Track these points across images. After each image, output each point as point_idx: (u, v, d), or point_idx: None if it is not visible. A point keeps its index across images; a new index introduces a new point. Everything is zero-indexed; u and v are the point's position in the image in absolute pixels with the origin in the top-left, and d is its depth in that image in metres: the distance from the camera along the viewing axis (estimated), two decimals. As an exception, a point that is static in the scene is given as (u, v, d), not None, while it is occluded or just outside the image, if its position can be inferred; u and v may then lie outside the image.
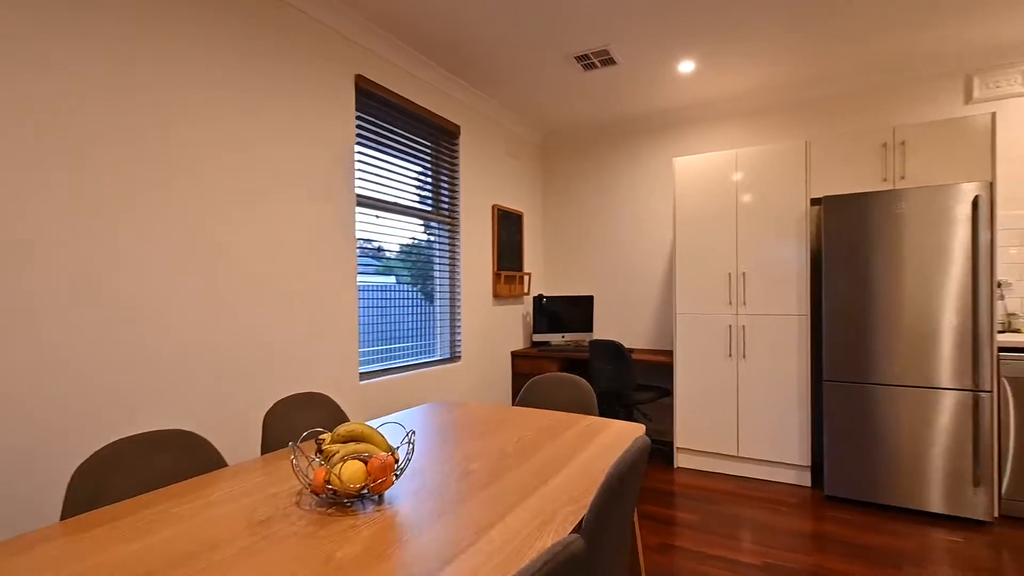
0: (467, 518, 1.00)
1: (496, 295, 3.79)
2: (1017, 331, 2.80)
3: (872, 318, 2.66)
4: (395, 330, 2.99)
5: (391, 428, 1.71)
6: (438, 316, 3.33)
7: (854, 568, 2.10)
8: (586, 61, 3.10)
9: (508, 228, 3.94)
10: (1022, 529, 2.39)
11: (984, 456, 2.42)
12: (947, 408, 2.50)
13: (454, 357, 3.42)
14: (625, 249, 4.16)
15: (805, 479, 2.97)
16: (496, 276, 3.79)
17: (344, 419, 1.76)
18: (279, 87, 2.22)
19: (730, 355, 3.16)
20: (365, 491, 1.04)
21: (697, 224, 3.27)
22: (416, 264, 3.14)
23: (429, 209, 3.19)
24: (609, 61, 3.09)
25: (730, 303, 3.17)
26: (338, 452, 1.05)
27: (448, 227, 3.38)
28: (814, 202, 3.02)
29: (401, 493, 1.13)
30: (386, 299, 2.94)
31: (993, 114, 2.54)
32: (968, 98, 3.04)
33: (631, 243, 4.13)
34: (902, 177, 2.76)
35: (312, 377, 2.36)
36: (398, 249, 3.02)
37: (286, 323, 2.23)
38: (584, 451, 1.43)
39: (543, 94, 3.59)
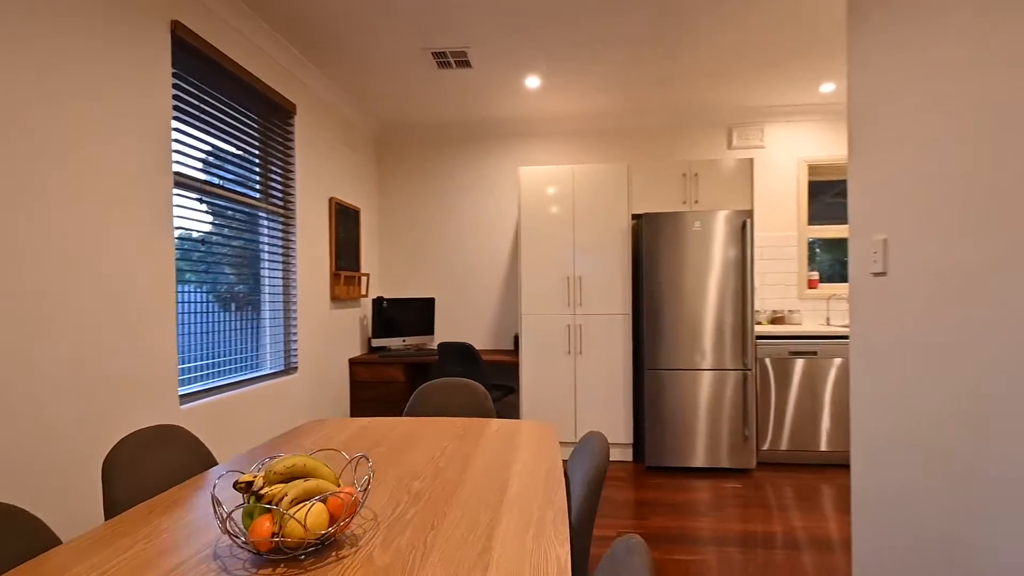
0: (456, 546, 0.89)
1: (334, 297, 3.42)
2: (780, 322, 3.75)
3: (678, 315, 3.25)
4: (218, 341, 2.45)
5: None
6: (269, 322, 2.85)
7: (675, 522, 2.53)
8: (442, 59, 3.05)
9: (346, 224, 3.61)
10: (775, 471, 3.21)
11: (750, 419, 3.18)
12: (728, 384, 3.21)
13: (289, 369, 2.97)
14: (466, 251, 4.21)
15: (629, 455, 3.45)
16: (335, 276, 3.43)
17: (207, 453, 1.36)
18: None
19: (569, 352, 3.48)
20: (328, 538, 0.83)
21: (540, 231, 3.52)
22: (241, 262, 2.63)
23: (258, 197, 2.71)
24: (465, 63, 3.11)
25: (568, 304, 3.49)
26: (286, 495, 0.82)
27: (282, 220, 2.93)
28: (635, 217, 3.54)
29: (357, 532, 0.93)
30: (205, 304, 2.39)
31: (751, 159, 3.37)
32: (730, 144, 3.97)
33: (473, 246, 4.21)
34: (696, 201, 3.45)
35: (124, 407, 1.77)
36: (222, 244, 2.48)
37: (91, 340, 1.62)
38: (516, 454, 1.40)
39: (391, 84, 3.40)
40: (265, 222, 2.80)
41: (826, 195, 3.95)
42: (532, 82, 3.36)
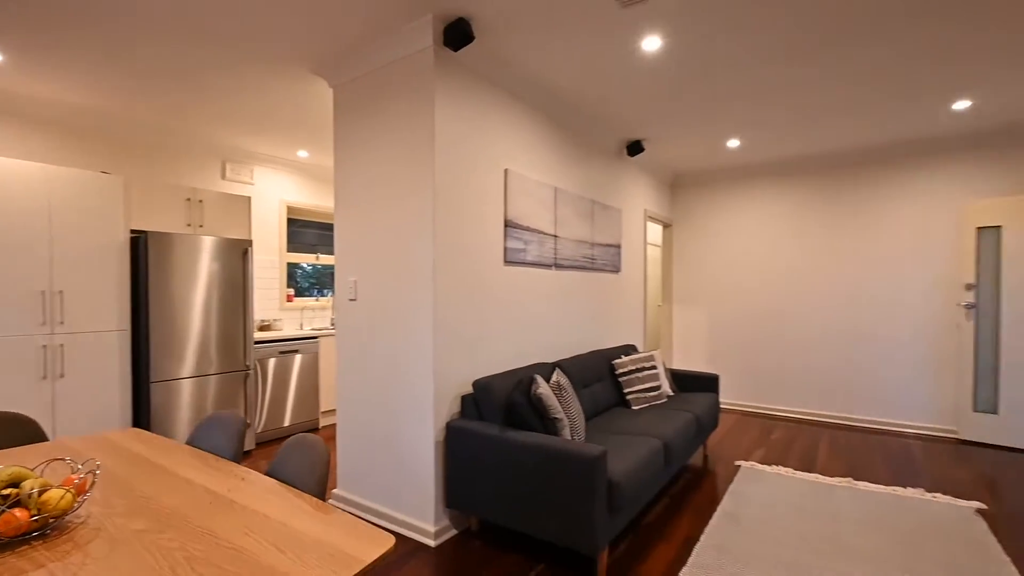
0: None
1: None
2: (268, 329, 4.52)
3: (185, 328, 3.56)
4: None
5: None
6: None
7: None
8: None
9: None
10: (270, 447, 4.05)
11: (251, 409, 3.90)
12: (233, 384, 3.81)
13: None
14: None
15: (127, 473, 3.40)
16: None
17: None
18: None
19: (45, 377, 3.06)
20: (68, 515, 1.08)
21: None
22: None
23: None
24: None
25: (45, 323, 3.07)
26: (25, 489, 1.02)
27: None
28: (135, 232, 3.52)
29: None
30: None
31: (249, 198, 4.12)
32: (223, 175, 4.51)
33: None
34: (200, 225, 3.84)
35: None
36: None
37: None
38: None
39: None
40: None
41: (305, 230, 5.18)
42: (-9, 57, 2.79)
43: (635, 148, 4.38)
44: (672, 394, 3.81)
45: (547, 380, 2.92)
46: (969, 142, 4.16)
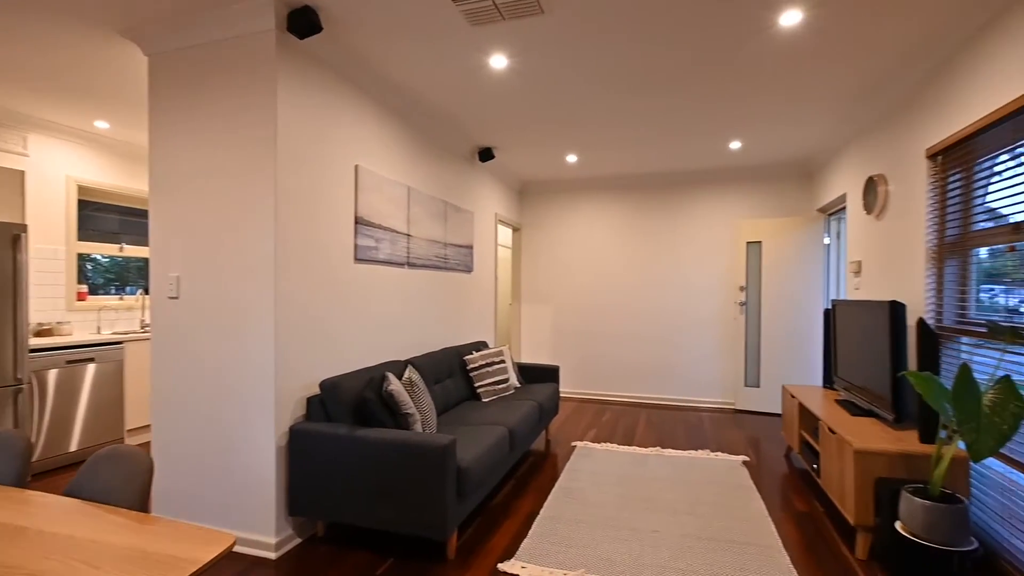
0: None
1: None
2: (49, 334, 3.67)
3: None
4: None
5: None
6: None
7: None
8: None
9: None
10: (53, 477, 3.33)
11: (26, 430, 3.17)
12: (2, 402, 3.06)
13: None
14: None
15: None
16: None
17: None
18: None
19: None
20: None
21: None
22: None
23: None
24: None
25: None
26: None
27: None
28: None
29: None
30: None
31: (22, 172, 3.34)
32: (-17, 144, 3.58)
33: None
34: (-53, 204, 3.00)
35: None
36: None
37: None
38: None
39: None
40: None
41: (103, 215, 4.35)
42: None
43: (486, 155, 4.61)
44: (519, 385, 4.09)
45: (400, 377, 2.94)
46: (742, 174, 5.24)
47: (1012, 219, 2.19)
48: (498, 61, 2.83)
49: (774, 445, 4.00)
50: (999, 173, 2.27)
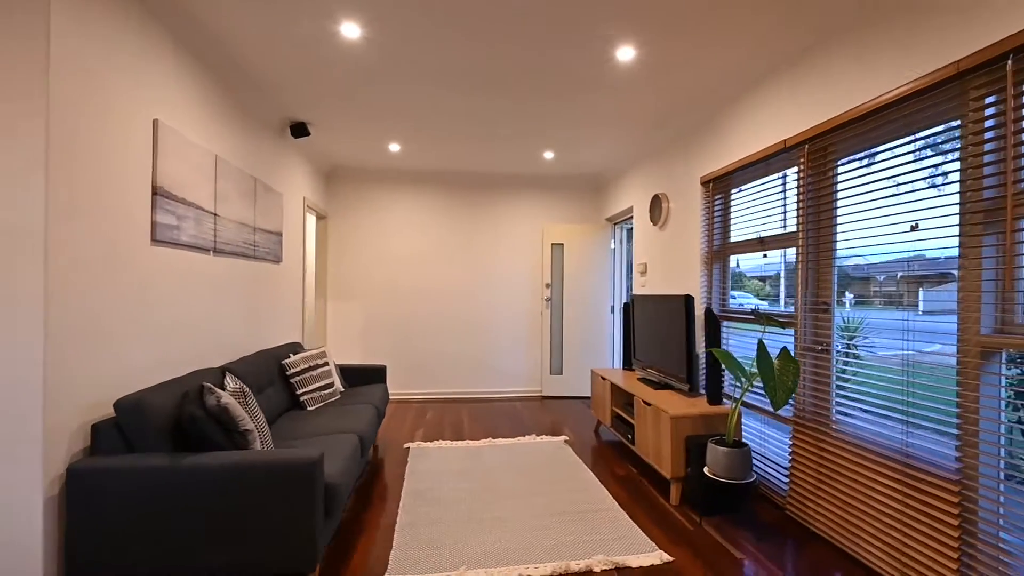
0: None
1: None
2: None
3: None
4: None
5: None
6: None
7: None
8: None
9: None
10: None
11: None
12: None
13: None
14: None
15: None
16: None
17: None
18: None
19: None
20: None
21: None
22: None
23: None
24: None
25: None
26: None
27: None
28: None
29: None
30: None
31: None
32: None
33: None
34: None
35: None
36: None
37: None
38: None
39: None
40: None
41: None
42: None
43: (300, 130, 4.07)
44: (343, 389, 3.74)
45: (220, 388, 2.37)
46: (548, 182, 5.84)
47: (756, 235, 3.00)
48: (349, 29, 2.54)
49: (583, 423, 4.57)
50: (745, 200, 3.08)
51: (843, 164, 2.39)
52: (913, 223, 2.00)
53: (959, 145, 1.85)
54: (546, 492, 2.96)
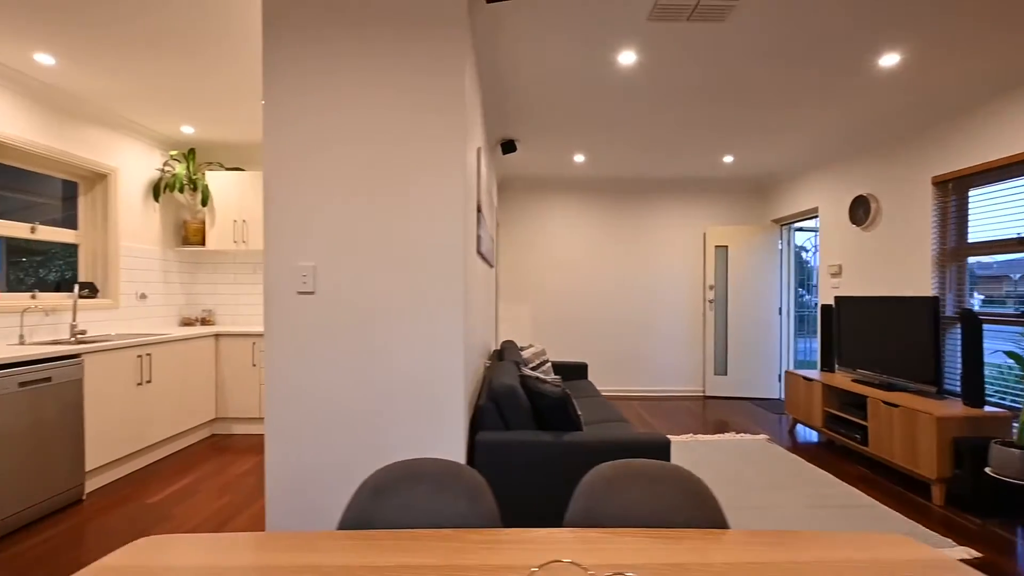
0: None
1: None
2: None
3: None
4: None
5: None
6: None
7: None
8: None
9: None
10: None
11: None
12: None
13: None
14: None
15: None
16: None
17: None
18: None
19: None
20: None
21: None
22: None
23: None
24: None
25: None
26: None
27: None
28: None
29: None
30: None
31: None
32: None
33: None
34: None
35: None
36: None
37: None
38: None
39: None
40: None
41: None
42: None
43: (509, 147, 4.45)
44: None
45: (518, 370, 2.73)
46: (716, 184, 5.89)
47: (1017, 234, 2.92)
48: (626, 57, 2.82)
49: (766, 423, 4.60)
50: (992, 199, 3.01)
51: None
52: None
53: None
54: (788, 486, 3.07)
